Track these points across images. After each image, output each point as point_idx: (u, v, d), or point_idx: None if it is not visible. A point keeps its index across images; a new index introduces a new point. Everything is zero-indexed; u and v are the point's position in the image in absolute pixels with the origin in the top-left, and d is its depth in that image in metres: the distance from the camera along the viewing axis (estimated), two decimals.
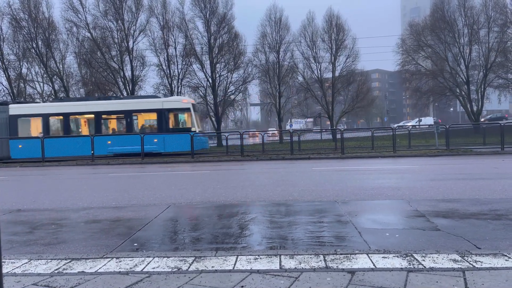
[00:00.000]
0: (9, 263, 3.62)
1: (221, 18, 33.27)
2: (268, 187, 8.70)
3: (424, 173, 11.13)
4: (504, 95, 39.01)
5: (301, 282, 2.92)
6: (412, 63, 38.53)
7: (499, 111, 68.09)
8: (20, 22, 30.96)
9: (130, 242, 4.53)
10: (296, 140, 21.43)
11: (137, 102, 22.58)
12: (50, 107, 22.57)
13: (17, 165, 19.59)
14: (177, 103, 22.41)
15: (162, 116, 21.70)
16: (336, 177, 10.65)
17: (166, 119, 21.82)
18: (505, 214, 5.32)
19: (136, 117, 22.44)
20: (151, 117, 22.32)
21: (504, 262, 3.23)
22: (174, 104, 22.35)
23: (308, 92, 35.72)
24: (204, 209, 6.40)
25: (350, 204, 6.37)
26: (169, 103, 22.15)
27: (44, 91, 34.21)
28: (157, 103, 22.02)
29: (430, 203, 6.21)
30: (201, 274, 3.18)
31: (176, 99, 23.18)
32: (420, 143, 23.77)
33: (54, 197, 8.36)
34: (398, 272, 3.08)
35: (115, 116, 22.57)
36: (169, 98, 23.65)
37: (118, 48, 31.69)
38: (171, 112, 22.14)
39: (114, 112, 22.38)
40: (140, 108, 22.22)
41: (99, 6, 30.89)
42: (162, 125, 21.67)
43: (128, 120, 22.03)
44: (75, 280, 3.13)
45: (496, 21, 34.04)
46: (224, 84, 34.08)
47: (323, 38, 35.13)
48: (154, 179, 11.93)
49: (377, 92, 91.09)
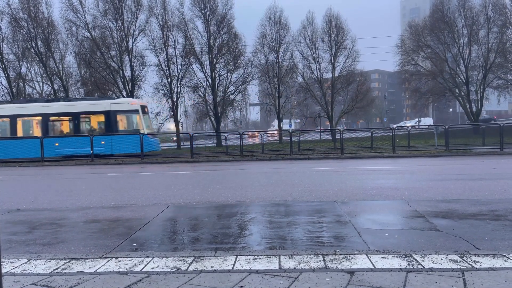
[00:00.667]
0: (8, 263, 3.61)
1: (220, 18, 33.30)
2: (267, 187, 8.70)
3: (424, 173, 11.13)
4: (503, 96, 39.05)
5: (300, 282, 2.92)
6: (411, 64, 38.57)
7: (498, 112, 68.17)
8: (20, 21, 30.95)
9: (129, 242, 4.53)
10: (295, 141, 21.45)
11: (85, 104, 22.55)
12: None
13: (16, 165, 19.59)
14: (125, 105, 22.42)
15: (110, 118, 21.73)
16: (336, 177, 10.65)
17: (114, 121, 21.86)
18: (504, 214, 5.32)
19: (84, 119, 22.35)
20: (100, 119, 22.23)
21: (503, 262, 3.24)
22: (122, 106, 22.32)
23: (307, 93, 35.75)
24: (204, 209, 6.40)
25: (350, 204, 6.37)
26: (117, 105, 22.12)
27: (44, 91, 34.22)
28: (105, 105, 21.97)
29: (430, 203, 6.21)
30: (200, 274, 3.18)
31: (124, 101, 23.22)
32: (420, 143, 23.81)
33: (53, 197, 8.36)
34: (397, 272, 3.08)
35: (64, 118, 22.38)
36: (117, 100, 23.58)
37: (117, 48, 31.69)
38: (120, 114, 22.11)
39: (63, 114, 22.22)
40: (88, 110, 22.17)
41: (99, 6, 30.94)
42: (110, 127, 21.67)
43: (76, 122, 21.97)
44: (74, 280, 3.13)
45: (496, 21, 34.09)
46: (224, 84, 34.12)
47: (323, 39, 35.19)
48: (153, 178, 11.92)
49: (377, 92, 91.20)
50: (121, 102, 22.80)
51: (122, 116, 22.36)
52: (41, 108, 22.02)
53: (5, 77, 30.92)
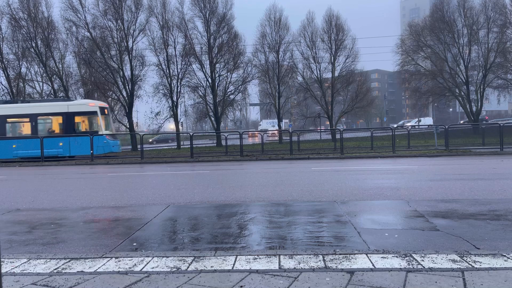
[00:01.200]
0: (8, 263, 3.61)
1: (220, 18, 33.26)
2: (267, 187, 8.70)
3: (423, 173, 11.13)
4: (503, 96, 39.02)
5: (300, 282, 2.92)
6: (411, 64, 38.55)
7: (498, 111, 68.14)
8: (20, 21, 30.89)
9: (129, 241, 4.53)
10: (295, 141, 21.44)
11: (43, 106, 22.46)
12: None
13: (16, 165, 19.59)
14: (83, 107, 22.36)
15: (68, 119, 21.63)
16: (335, 177, 10.66)
17: (72, 122, 21.77)
18: (504, 214, 5.32)
19: (42, 121, 22.19)
20: (59, 120, 22.08)
21: (503, 262, 3.24)
22: (80, 107, 22.26)
23: (307, 92, 35.72)
24: (203, 209, 6.40)
25: (349, 204, 6.37)
26: (74, 107, 22.06)
27: (44, 91, 34.20)
28: (63, 106, 21.88)
29: (429, 203, 6.21)
30: (200, 274, 3.18)
31: (82, 103, 23.18)
32: (419, 143, 23.80)
33: (53, 197, 8.36)
34: (397, 272, 3.08)
35: (23, 120, 22.19)
36: (75, 102, 23.49)
37: (117, 47, 31.64)
38: (77, 116, 22.02)
39: (20, 115, 22.03)
40: (47, 112, 22.07)
41: (99, 5, 30.86)
42: (68, 129, 21.57)
43: (33, 124, 21.79)
44: (74, 280, 3.13)
45: (496, 21, 34.06)
46: (224, 84, 34.08)
47: (323, 38, 35.14)
48: (153, 178, 11.92)
49: (377, 92, 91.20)
50: (79, 104, 22.79)
51: (80, 117, 22.24)
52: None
53: (5, 77, 30.90)
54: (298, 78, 37.85)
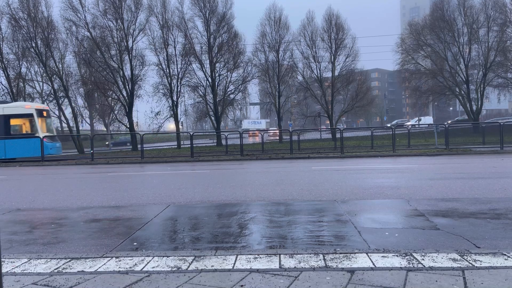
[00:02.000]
0: (9, 263, 3.62)
1: (220, 17, 33.26)
2: (267, 186, 8.70)
3: (424, 172, 11.13)
4: (503, 95, 39.02)
5: (300, 281, 2.92)
6: (411, 63, 38.54)
7: (498, 110, 68.11)
8: (19, 21, 30.89)
9: (130, 241, 4.53)
10: (295, 140, 21.44)
11: None
12: None
13: (16, 164, 19.60)
14: (19, 109, 22.20)
15: (3, 122, 21.46)
16: (336, 176, 10.65)
17: (7, 125, 21.61)
18: (504, 213, 5.32)
19: None
20: None
21: (503, 261, 3.24)
22: (15, 110, 22.09)
23: (307, 92, 35.73)
24: (204, 208, 6.40)
25: (350, 203, 6.37)
26: (10, 109, 21.92)
27: (44, 91, 34.22)
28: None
29: (430, 202, 6.21)
30: (200, 273, 3.18)
31: (18, 105, 22.96)
32: (420, 142, 23.81)
33: (53, 196, 8.36)
34: (398, 271, 3.08)
35: None
36: (11, 104, 23.27)
37: (117, 47, 31.64)
38: (13, 118, 21.87)
39: None
40: None
41: (99, 5, 30.86)
42: (4, 131, 21.41)
43: None
44: (75, 280, 3.13)
45: (496, 20, 34.04)
46: (224, 84, 34.10)
47: (323, 38, 35.13)
48: (153, 178, 11.92)
49: (377, 91, 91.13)
50: (15, 106, 22.61)
51: (16, 120, 22.07)
52: None
53: (5, 77, 30.91)
54: (298, 78, 37.87)
